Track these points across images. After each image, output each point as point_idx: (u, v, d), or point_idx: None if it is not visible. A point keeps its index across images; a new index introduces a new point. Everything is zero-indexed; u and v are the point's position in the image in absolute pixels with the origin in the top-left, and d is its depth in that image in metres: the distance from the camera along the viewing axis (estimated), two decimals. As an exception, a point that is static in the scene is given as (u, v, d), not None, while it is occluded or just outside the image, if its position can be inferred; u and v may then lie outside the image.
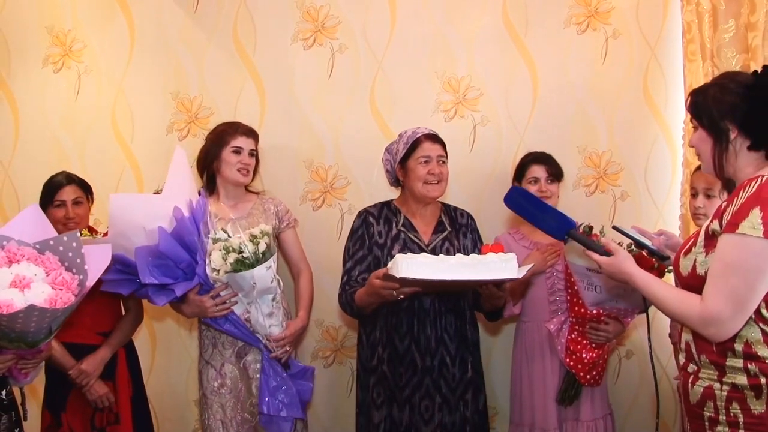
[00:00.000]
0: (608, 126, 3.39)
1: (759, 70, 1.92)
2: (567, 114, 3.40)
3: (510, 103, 3.42)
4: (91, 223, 3.21)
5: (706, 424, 1.93)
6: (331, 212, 3.41)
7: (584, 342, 2.91)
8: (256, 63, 3.49)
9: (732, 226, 1.81)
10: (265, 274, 2.67)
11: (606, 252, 2.11)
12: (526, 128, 3.41)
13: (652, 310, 2.50)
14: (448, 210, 2.98)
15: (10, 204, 3.60)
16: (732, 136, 1.92)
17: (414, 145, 2.84)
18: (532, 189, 3.05)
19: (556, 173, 3.08)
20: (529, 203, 2.37)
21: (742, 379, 1.87)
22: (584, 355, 2.90)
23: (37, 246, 2.31)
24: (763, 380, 1.85)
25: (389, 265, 2.44)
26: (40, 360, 2.43)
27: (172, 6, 3.52)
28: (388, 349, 2.80)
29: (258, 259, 2.64)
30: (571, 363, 2.91)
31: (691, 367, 1.99)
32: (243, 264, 2.63)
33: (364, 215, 2.92)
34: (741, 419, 1.87)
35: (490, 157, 3.41)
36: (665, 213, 3.36)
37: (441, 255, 2.57)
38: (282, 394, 2.87)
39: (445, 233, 2.88)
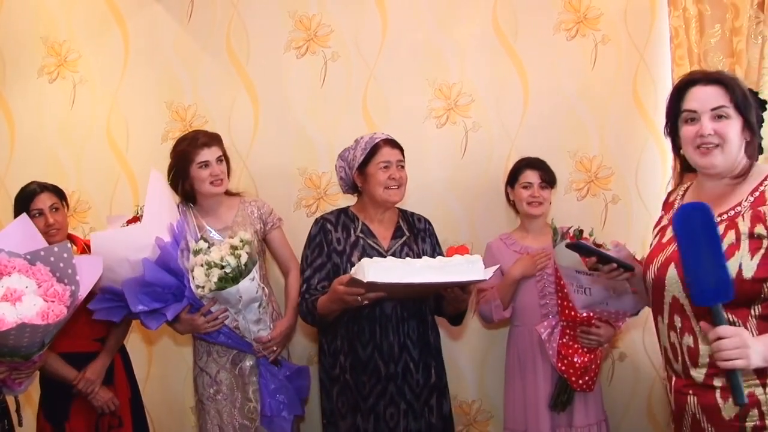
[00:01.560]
0: (599, 130, 3.40)
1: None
2: (558, 119, 3.41)
3: (501, 109, 3.44)
4: (74, 232, 3.22)
5: None
6: None
7: (576, 346, 2.91)
8: (250, 72, 3.52)
9: None
10: (249, 285, 2.71)
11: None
12: (518, 133, 3.43)
13: (645, 311, 2.52)
14: (406, 215, 2.96)
15: (6, 215, 3.57)
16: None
17: (373, 151, 2.82)
18: (525, 194, 3.06)
19: (549, 179, 3.09)
20: (702, 235, 1.78)
21: None
22: (576, 360, 2.89)
23: (28, 257, 2.34)
24: None
25: (353, 270, 2.42)
26: (34, 370, 2.46)
27: (165, 17, 3.56)
28: (350, 358, 2.76)
29: (241, 272, 2.68)
30: (563, 368, 2.91)
31: (718, 381, 1.87)
32: (227, 280, 2.66)
33: (321, 222, 2.88)
34: None
35: (482, 162, 3.43)
36: (656, 216, 3.35)
37: (407, 258, 2.56)
38: (282, 395, 2.92)
39: (404, 238, 2.86)
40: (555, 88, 3.42)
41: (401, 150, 2.87)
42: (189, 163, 2.99)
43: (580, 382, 2.90)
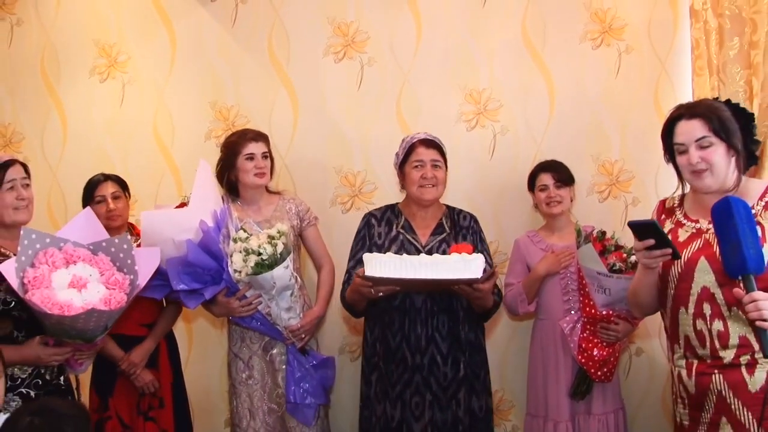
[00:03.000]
0: (621, 136, 3.47)
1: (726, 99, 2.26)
2: (582, 124, 3.49)
3: (528, 114, 3.52)
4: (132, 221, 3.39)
5: None
6: (359, 215, 3.44)
7: (595, 340, 2.99)
8: (290, 74, 3.65)
9: None
10: (283, 273, 2.80)
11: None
12: (543, 137, 3.51)
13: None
14: (452, 213, 3.00)
15: (58, 207, 3.80)
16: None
17: (410, 150, 2.90)
18: (542, 196, 3.15)
19: (563, 178, 3.15)
20: (745, 218, 2.00)
21: None
22: (595, 353, 2.98)
23: (91, 247, 2.47)
24: None
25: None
26: (95, 352, 2.60)
27: (210, 21, 3.71)
28: (383, 346, 2.84)
29: (276, 260, 2.77)
30: (583, 360, 3.00)
31: (744, 359, 2.09)
32: (263, 266, 2.76)
33: (367, 217, 3.00)
34: None
35: (509, 164, 3.51)
36: (674, 218, 3.47)
37: (404, 255, 2.64)
38: (306, 384, 3.02)
39: (444, 235, 2.91)
40: (579, 95, 3.49)
41: (439, 150, 2.92)
42: (236, 154, 3.14)
43: (599, 373, 3.00)
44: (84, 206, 3.19)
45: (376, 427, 2.87)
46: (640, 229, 2.20)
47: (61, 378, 2.60)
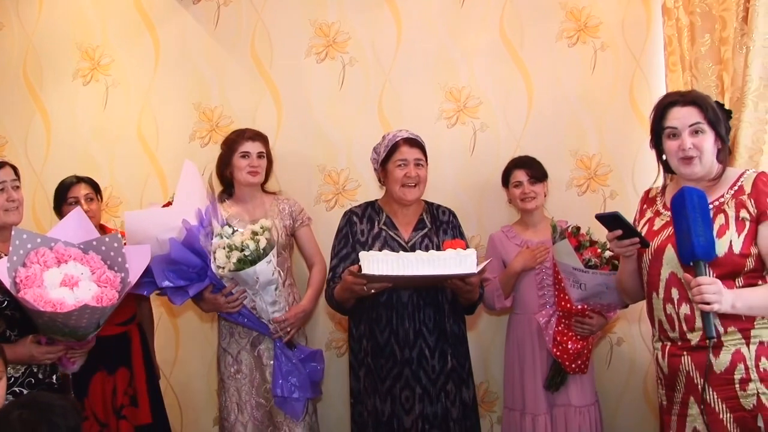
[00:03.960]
0: (598, 131, 3.53)
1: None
2: (560, 120, 3.54)
3: (507, 111, 3.58)
4: (107, 225, 3.40)
5: (737, 386, 2.15)
6: (343, 212, 3.60)
7: (570, 334, 3.04)
8: (273, 75, 3.69)
9: None
10: (266, 268, 2.82)
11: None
12: (522, 133, 3.57)
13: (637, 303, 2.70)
14: (431, 208, 3.04)
15: (43, 210, 3.79)
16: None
17: (393, 149, 2.93)
18: (516, 192, 3.20)
19: (537, 174, 3.19)
20: (698, 207, 2.12)
21: (767, 336, 2.15)
22: (570, 346, 3.03)
23: (82, 246, 2.49)
24: None
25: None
26: (87, 349, 2.61)
27: (193, 23, 3.74)
28: (371, 342, 2.87)
29: (259, 255, 2.80)
30: (558, 353, 3.04)
31: (711, 342, 2.15)
32: (245, 262, 2.78)
33: (348, 215, 3.03)
34: None
35: (489, 160, 3.55)
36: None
37: (400, 252, 2.69)
38: (294, 378, 3.04)
39: (425, 230, 2.95)
40: (557, 92, 3.55)
41: (422, 149, 2.97)
42: (233, 151, 3.21)
43: (573, 366, 3.05)
44: (56, 208, 3.26)
45: (367, 422, 2.91)
46: (608, 220, 2.34)
47: (54, 377, 2.61)
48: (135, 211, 3.04)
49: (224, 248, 2.82)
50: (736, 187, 2.26)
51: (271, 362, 3.10)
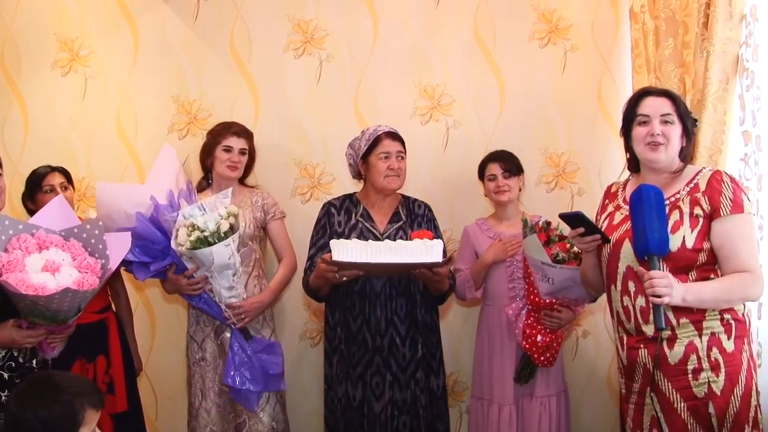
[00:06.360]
0: (567, 130, 3.61)
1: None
2: (530, 118, 3.61)
3: (479, 109, 3.65)
4: (84, 215, 3.39)
5: (690, 376, 2.24)
6: (318, 205, 3.45)
7: (539, 327, 3.08)
8: (251, 70, 3.74)
9: (739, 208, 2.26)
10: (223, 251, 2.87)
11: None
12: (494, 131, 3.64)
13: (602, 298, 2.76)
14: (407, 202, 3.11)
15: (20, 200, 3.77)
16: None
17: (375, 142, 2.99)
18: (491, 185, 3.25)
19: (511, 168, 3.23)
20: (654, 205, 2.23)
21: (717, 326, 2.24)
22: (539, 339, 3.07)
23: (63, 233, 2.52)
24: (732, 323, 2.26)
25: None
26: (67, 335, 2.64)
27: (173, 17, 3.76)
28: (344, 330, 2.94)
29: (219, 238, 2.85)
30: (527, 345, 3.08)
31: (665, 333, 2.25)
32: (203, 242, 2.83)
33: (327, 207, 3.10)
34: (721, 360, 2.22)
35: (462, 156, 3.63)
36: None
37: (369, 241, 2.76)
38: (246, 370, 3.09)
39: (400, 223, 3.03)
40: (528, 91, 3.62)
41: (402, 142, 3.05)
42: (217, 143, 3.27)
43: (542, 358, 3.09)
44: (29, 196, 3.26)
45: (338, 407, 2.98)
46: (571, 219, 2.45)
47: (34, 361, 2.63)
48: (107, 183, 3.08)
49: (187, 227, 2.87)
50: (692, 185, 2.35)
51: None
